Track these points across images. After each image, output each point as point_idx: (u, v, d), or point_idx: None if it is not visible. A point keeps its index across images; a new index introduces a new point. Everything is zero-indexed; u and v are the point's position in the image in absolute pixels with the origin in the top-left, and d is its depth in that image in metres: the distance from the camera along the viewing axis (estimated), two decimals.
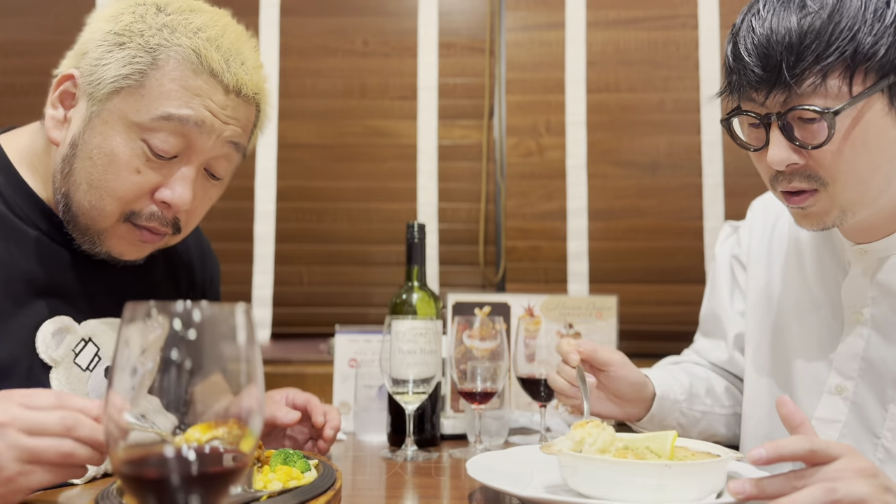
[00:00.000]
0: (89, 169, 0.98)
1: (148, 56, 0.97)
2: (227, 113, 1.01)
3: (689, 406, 1.24)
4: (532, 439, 1.37)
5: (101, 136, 0.98)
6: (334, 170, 2.08)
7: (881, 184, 0.99)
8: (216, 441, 0.53)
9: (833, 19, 0.91)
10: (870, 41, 0.90)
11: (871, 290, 1.07)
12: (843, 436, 1.11)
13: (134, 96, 0.97)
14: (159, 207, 1.01)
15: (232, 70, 1.01)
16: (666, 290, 1.97)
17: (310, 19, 2.11)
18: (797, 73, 0.92)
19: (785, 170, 0.99)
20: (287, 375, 1.89)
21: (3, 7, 2.10)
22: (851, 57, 0.90)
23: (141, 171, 0.98)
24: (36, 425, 0.74)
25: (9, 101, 2.06)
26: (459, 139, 2.09)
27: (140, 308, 0.53)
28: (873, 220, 1.04)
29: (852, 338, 1.10)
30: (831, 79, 0.91)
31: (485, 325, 1.29)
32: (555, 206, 2.04)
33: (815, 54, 0.91)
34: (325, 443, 1.17)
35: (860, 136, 0.94)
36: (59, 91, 1.02)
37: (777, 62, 0.93)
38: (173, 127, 0.97)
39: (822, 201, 0.99)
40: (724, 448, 0.90)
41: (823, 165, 0.96)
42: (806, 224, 1.04)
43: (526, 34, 2.09)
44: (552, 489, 0.88)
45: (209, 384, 0.53)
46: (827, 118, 0.92)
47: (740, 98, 1.00)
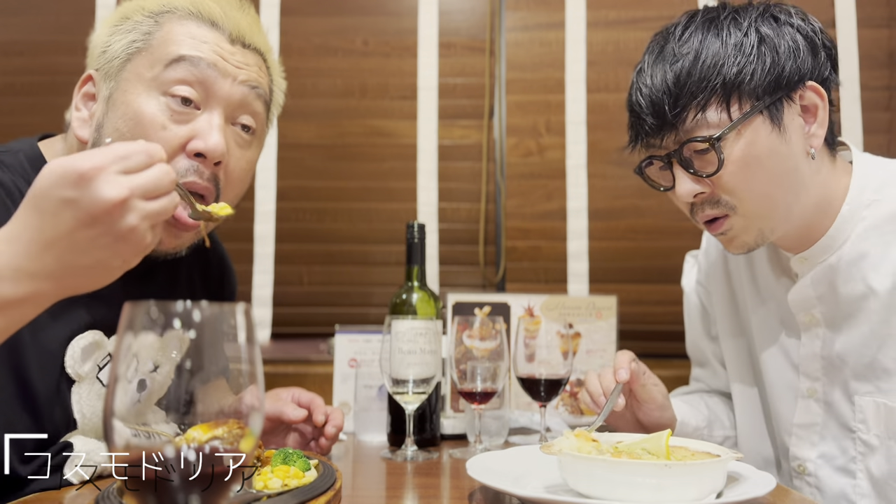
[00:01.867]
0: (117, 139, 0.97)
1: (150, 20, 1.01)
2: (237, 58, 1.03)
3: (709, 432, 1.32)
4: (532, 439, 1.37)
5: (123, 105, 0.98)
6: (334, 170, 2.08)
7: (788, 198, 1.07)
8: (216, 441, 0.53)
9: (699, 59, 1.03)
10: (735, 70, 1.02)
11: (814, 290, 1.13)
12: (823, 437, 1.15)
13: (143, 55, 0.99)
14: (194, 161, 0.99)
15: (232, 19, 1.03)
16: (666, 290, 1.97)
17: (310, 19, 2.11)
18: (678, 112, 1.04)
19: (695, 200, 1.08)
20: (287, 375, 1.89)
21: (4, 7, 2.10)
22: (722, 87, 1.02)
23: (167, 127, 0.98)
24: (150, 188, 0.76)
25: (9, 101, 2.06)
26: (459, 139, 2.09)
27: (140, 308, 0.53)
28: (800, 231, 1.12)
29: (809, 339, 1.16)
30: (710, 111, 1.03)
31: (485, 325, 1.29)
32: (555, 206, 2.04)
33: (689, 92, 1.03)
34: (327, 440, 1.18)
35: (753, 158, 1.03)
36: (81, 93, 1.05)
37: (661, 108, 1.05)
38: (187, 70, 0.98)
39: (737, 224, 1.08)
40: (723, 448, 0.90)
41: (727, 190, 1.06)
42: (732, 249, 1.13)
43: (526, 34, 2.09)
44: (552, 489, 0.88)
45: (209, 384, 0.53)
46: (714, 146, 1.02)
47: (645, 147, 1.11)
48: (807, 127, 1.07)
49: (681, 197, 1.08)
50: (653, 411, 1.19)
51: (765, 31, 1.04)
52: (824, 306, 1.13)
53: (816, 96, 1.06)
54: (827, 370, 1.14)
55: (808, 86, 1.05)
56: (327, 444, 1.19)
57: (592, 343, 1.61)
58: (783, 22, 1.06)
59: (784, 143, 1.04)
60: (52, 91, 2.01)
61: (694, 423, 1.29)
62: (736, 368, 1.33)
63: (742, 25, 1.04)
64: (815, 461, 1.16)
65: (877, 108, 1.99)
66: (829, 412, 1.15)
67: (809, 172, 1.08)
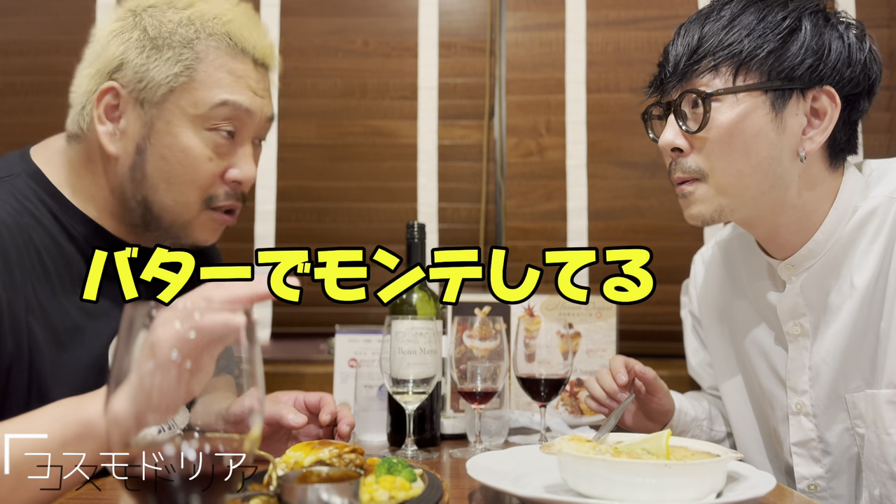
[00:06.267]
0: (164, 168, 1.06)
1: (190, 51, 1.06)
2: (262, 86, 1.14)
3: (710, 425, 1.35)
4: (532, 439, 1.37)
5: (170, 136, 1.06)
6: (334, 170, 2.08)
7: (761, 186, 1.07)
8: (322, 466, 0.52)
9: (729, 26, 1.05)
10: (754, 45, 1.03)
11: (803, 298, 1.13)
12: (825, 453, 1.13)
13: (188, 91, 1.06)
14: (231, 187, 1.12)
15: (257, 45, 1.12)
16: (666, 290, 1.95)
17: (310, 19, 2.11)
18: (690, 65, 1.07)
19: (673, 156, 1.10)
20: (287, 375, 1.89)
21: (4, 6, 2.10)
22: (737, 55, 1.04)
23: (212, 159, 1.08)
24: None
25: (9, 101, 2.06)
26: (459, 139, 2.09)
27: (140, 309, 0.53)
28: (784, 235, 1.12)
29: (796, 351, 1.16)
30: (719, 73, 1.05)
31: (485, 325, 1.29)
32: (555, 206, 2.04)
33: (707, 51, 1.05)
34: (341, 439, 1.16)
35: (738, 131, 1.04)
36: (102, 104, 1.07)
37: (680, 59, 1.08)
38: (229, 112, 1.08)
39: (701, 189, 1.09)
40: (723, 448, 0.90)
41: (703, 153, 1.07)
42: (687, 214, 1.13)
43: (526, 34, 2.09)
44: (552, 489, 0.88)
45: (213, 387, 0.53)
46: (705, 102, 1.04)
47: (658, 93, 1.14)
48: (808, 129, 1.06)
49: (661, 145, 1.10)
50: (661, 399, 1.26)
51: (805, 23, 1.04)
52: (813, 314, 1.13)
53: (830, 103, 1.05)
54: (814, 381, 1.14)
55: (824, 89, 1.04)
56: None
57: (592, 343, 1.61)
58: (832, 24, 1.06)
59: (776, 131, 1.04)
60: (52, 91, 2.01)
61: (693, 413, 1.32)
62: (730, 392, 1.33)
63: (788, 9, 1.05)
64: (825, 476, 1.15)
65: (877, 108, 1.98)
66: (821, 425, 1.14)
67: (794, 172, 1.07)
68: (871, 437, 1.07)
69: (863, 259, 1.08)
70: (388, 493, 0.77)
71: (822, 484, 1.16)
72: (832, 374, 1.12)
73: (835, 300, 1.10)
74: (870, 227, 1.08)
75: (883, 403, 1.04)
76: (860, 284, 1.07)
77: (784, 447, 1.21)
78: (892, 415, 1.04)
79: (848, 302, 1.09)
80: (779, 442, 1.22)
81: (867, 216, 1.08)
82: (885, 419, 1.04)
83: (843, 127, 1.08)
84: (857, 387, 1.09)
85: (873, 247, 1.07)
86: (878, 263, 1.07)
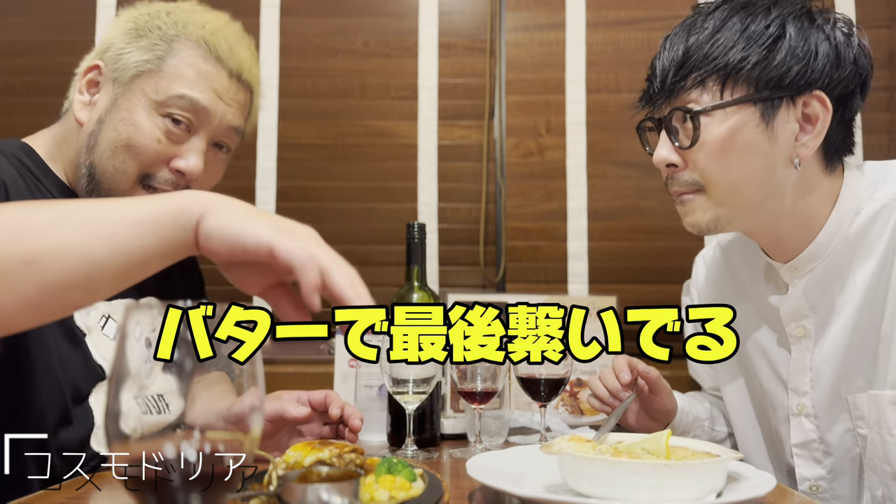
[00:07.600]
0: (114, 137, 1.11)
1: (165, 45, 1.14)
2: (231, 95, 1.17)
3: (711, 426, 1.35)
4: (532, 439, 1.37)
5: (126, 111, 1.12)
6: (334, 170, 2.08)
7: (757, 197, 1.06)
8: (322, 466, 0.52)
9: (713, 37, 1.04)
10: (739, 56, 1.02)
11: (806, 300, 1.13)
12: (826, 454, 1.13)
13: (153, 78, 1.13)
14: (173, 175, 1.14)
15: (235, 55, 1.18)
16: (666, 290, 1.97)
17: (310, 19, 2.11)
18: (677, 81, 1.06)
19: (668, 171, 1.11)
20: (287, 375, 1.89)
21: (4, 6, 2.10)
22: (723, 68, 1.03)
23: (160, 142, 1.12)
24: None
25: (9, 101, 2.07)
26: (459, 139, 2.09)
27: (140, 308, 0.53)
28: (785, 239, 1.12)
29: (799, 353, 1.16)
30: (706, 88, 1.04)
31: None
32: (555, 206, 2.04)
33: (693, 65, 1.05)
34: (353, 434, 1.16)
35: (730, 145, 1.04)
36: (86, 79, 1.17)
37: (667, 74, 1.07)
38: (186, 105, 1.13)
39: (700, 199, 1.10)
40: (723, 448, 0.90)
41: (697, 168, 1.07)
42: (687, 220, 1.13)
43: (526, 34, 2.09)
44: (552, 489, 0.88)
45: (210, 384, 0.53)
46: (694, 120, 1.04)
47: (649, 108, 1.14)
48: (800, 135, 1.05)
49: (656, 162, 1.11)
50: (664, 398, 1.25)
51: (790, 29, 1.03)
52: (816, 316, 1.13)
53: (821, 107, 1.03)
54: (814, 382, 1.14)
55: (814, 94, 1.03)
56: (353, 438, 1.16)
57: None
58: (818, 25, 1.04)
59: (768, 142, 1.03)
60: (52, 91, 2.00)
61: (695, 414, 1.32)
62: (732, 396, 1.33)
63: (771, 16, 1.04)
64: (826, 477, 1.15)
65: (877, 108, 1.99)
66: (822, 427, 1.14)
67: (790, 180, 1.06)
68: (873, 437, 1.06)
69: (867, 256, 1.08)
70: (388, 492, 0.77)
71: (824, 485, 1.16)
72: (833, 374, 1.11)
73: (838, 302, 1.10)
74: (874, 228, 1.07)
75: (886, 404, 1.04)
76: (861, 282, 1.07)
77: (785, 448, 1.21)
78: (895, 416, 1.04)
79: (851, 301, 1.09)
80: (780, 443, 1.22)
81: (872, 218, 1.07)
82: (888, 420, 1.04)
83: (837, 127, 1.07)
84: (858, 387, 1.09)
85: (876, 247, 1.07)
86: (879, 263, 1.07)
